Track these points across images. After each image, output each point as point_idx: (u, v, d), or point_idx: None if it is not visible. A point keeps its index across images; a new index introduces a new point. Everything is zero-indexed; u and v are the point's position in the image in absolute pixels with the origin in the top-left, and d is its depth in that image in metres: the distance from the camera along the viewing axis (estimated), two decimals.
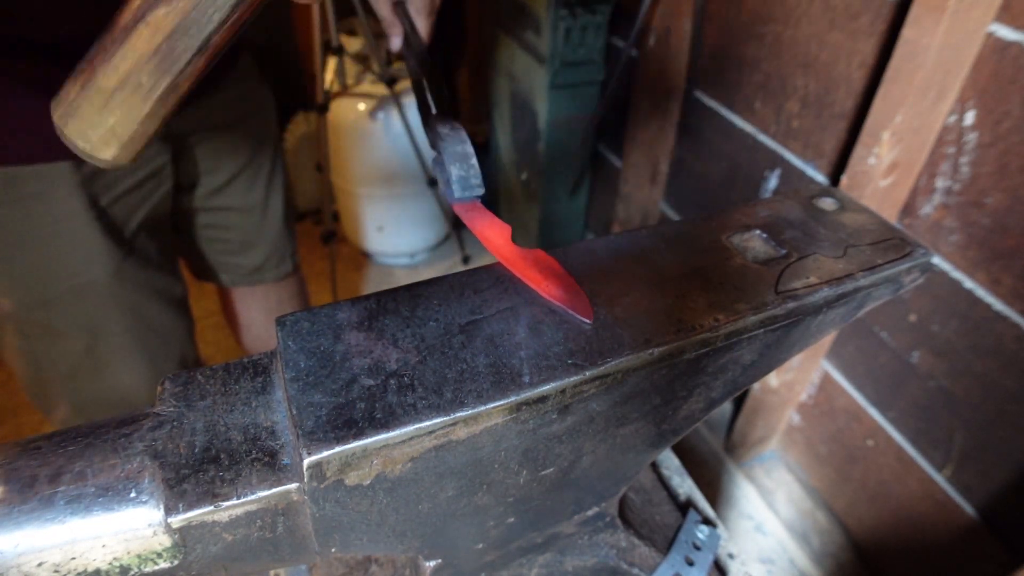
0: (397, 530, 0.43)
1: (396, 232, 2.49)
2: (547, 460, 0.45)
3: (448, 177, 0.50)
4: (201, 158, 1.05)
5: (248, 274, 1.23)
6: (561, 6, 1.83)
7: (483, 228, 0.49)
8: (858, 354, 1.39)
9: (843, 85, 1.24)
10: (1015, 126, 0.99)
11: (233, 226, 1.16)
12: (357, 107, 2.18)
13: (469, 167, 0.50)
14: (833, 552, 1.53)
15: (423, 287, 0.46)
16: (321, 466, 0.35)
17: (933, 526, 1.30)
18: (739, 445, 1.71)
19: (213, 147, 1.06)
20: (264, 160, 1.15)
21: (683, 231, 0.53)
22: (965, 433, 1.19)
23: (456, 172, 0.50)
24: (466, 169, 0.50)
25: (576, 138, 2.10)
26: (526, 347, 0.41)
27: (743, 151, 1.55)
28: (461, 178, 0.50)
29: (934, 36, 0.97)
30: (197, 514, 0.35)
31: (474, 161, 0.51)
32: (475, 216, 0.50)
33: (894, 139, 1.09)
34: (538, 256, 0.47)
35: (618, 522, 0.61)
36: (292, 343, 0.41)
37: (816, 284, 0.48)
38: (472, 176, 0.50)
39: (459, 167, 0.50)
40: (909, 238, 0.54)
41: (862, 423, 1.42)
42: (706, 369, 0.47)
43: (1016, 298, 1.05)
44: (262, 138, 1.14)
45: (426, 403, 0.37)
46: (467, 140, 0.51)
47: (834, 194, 0.59)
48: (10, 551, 0.33)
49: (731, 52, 1.51)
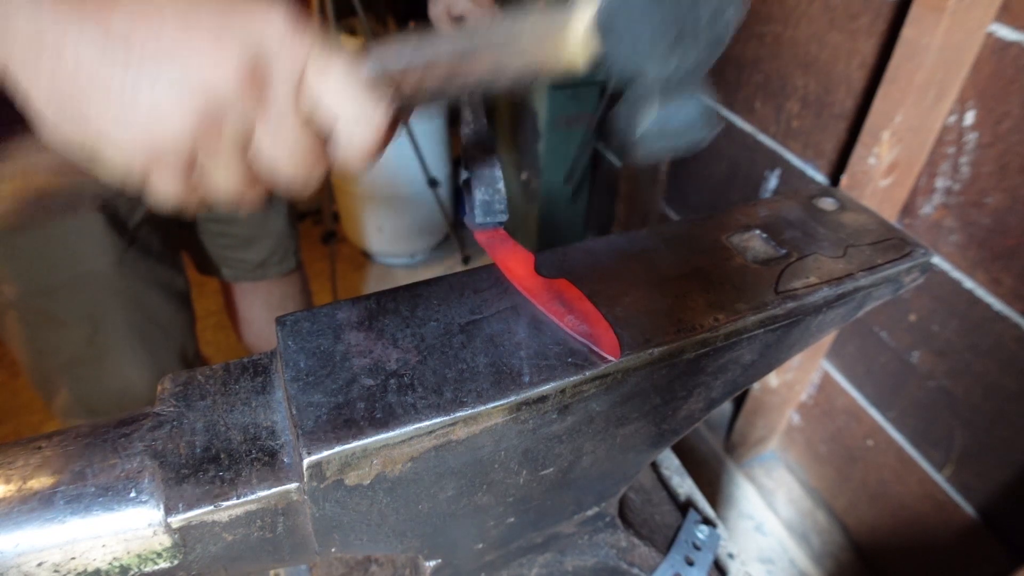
0: (397, 530, 0.43)
1: (396, 232, 2.49)
2: (547, 460, 0.45)
3: (473, 201, 0.49)
4: None
5: (251, 269, 1.23)
6: None
7: (505, 258, 0.48)
8: (858, 354, 1.39)
9: (843, 85, 1.24)
10: (1015, 126, 0.99)
11: (237, 221, 1.17)
12: None
13: (495, 192, 0.49)
14: (833, 552, 1.53)
15: (423, 287, 0.46)
16: (321, 466, 0.35)
17: (933, 526, 1.30)
18: (739, 445, 1.71)
19: None
20: None
21: (683, 231, 0.53)
22: (965, 433, 1.19)
23: (480, 196, 0.49)
24: (491, 194, 0.49)
25: (576, 138, 2.10)
26: (526, 347, 0.41)
27: (743, 151, 1.55)
28: (485, 203, 0.49)
29: (934, 36, 0.97)
30: (197, 514, 0.35)
31: (501, 186, 0.49)
32: (497, 244, 0.49)
33: (894, 139, 1.09)
34: (562, 287, 0.46)
35: (618, 522, 0.61)
36: (292, 343, 0.41)
37: (816, 284, 0.48)
38: (497, 202, 0.49)
39: (485, 191, 0.49)
40: (909, 238, 0.54)
41: (862, 423, 1.42)
42: (706, 369, 0.47)
43: (1016, 298, 1.05)
44: None
45: (426, 403, 0.37)
46: (498, 165, 0.50)
47: (834, 194, 0.59)
48: (10, 551, 0.33)
49: (731, 52, 1.51)
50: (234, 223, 1.16)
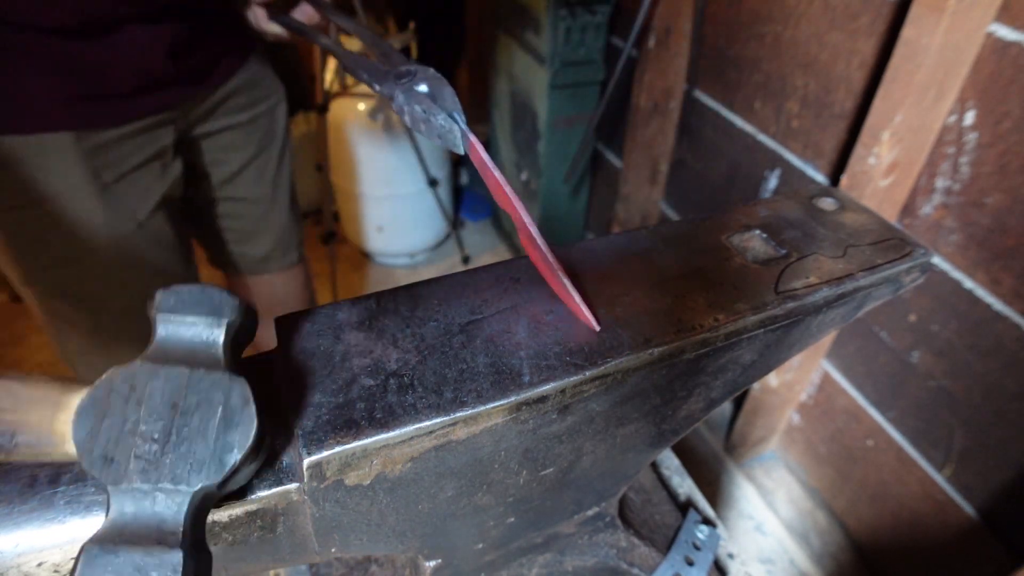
0: (397, 530, 0.43)
1: (396, 232, 2.49)
2: (547, 460, 0.45)
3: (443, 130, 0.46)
4: (208, 149, 1.06)
5: (254, 263, 1.24)
6: (561, 6, 1.83)
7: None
8: (858, 354, 1.39)
9: (843, 85, 1.24)
10: (1015, 126, 0.99)
11: (241, 216, 1.18)
12: (357, 107, 2.18)
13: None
14: (833, 552, 1.53)
15: (423, 287, 0.46)
16: (321, 466, 0.35)
17: (933, 526, 1.30)
18: (739, 445, 1.71)
19: (221, 138, 1.07)
20: (273, 152, 1.16)
21: (683, 231, 0.53)
22: (965, 433, 1.19)
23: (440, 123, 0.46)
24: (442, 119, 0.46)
25: (576, 138, 2.10)
26: (526, 347, 0.41)
27: (743, 151, 1.55)
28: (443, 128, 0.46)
29: (934, 36, 0.97)
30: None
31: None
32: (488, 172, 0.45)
33: (894, 139, 1.09)
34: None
35: (618, 522, 0.61)
36: (292, 343, 0.41)
37: (816, 284, 0.48)
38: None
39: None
40: (909, 238, 0.54)
41: (862, 423, 1.42)
42: (706, 369, 0.47)
43: (1016, 298, 1.05)
44: (271, 131, 1.15)
45: (426, 403, 0.37)
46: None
47: (834, 194, 0.59)
48: (10, 551, 0.33)
49: (731, 52, 1.51)
50: (237, 217, 1.17)
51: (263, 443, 0.36)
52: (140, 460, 0.30)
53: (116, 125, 0.87)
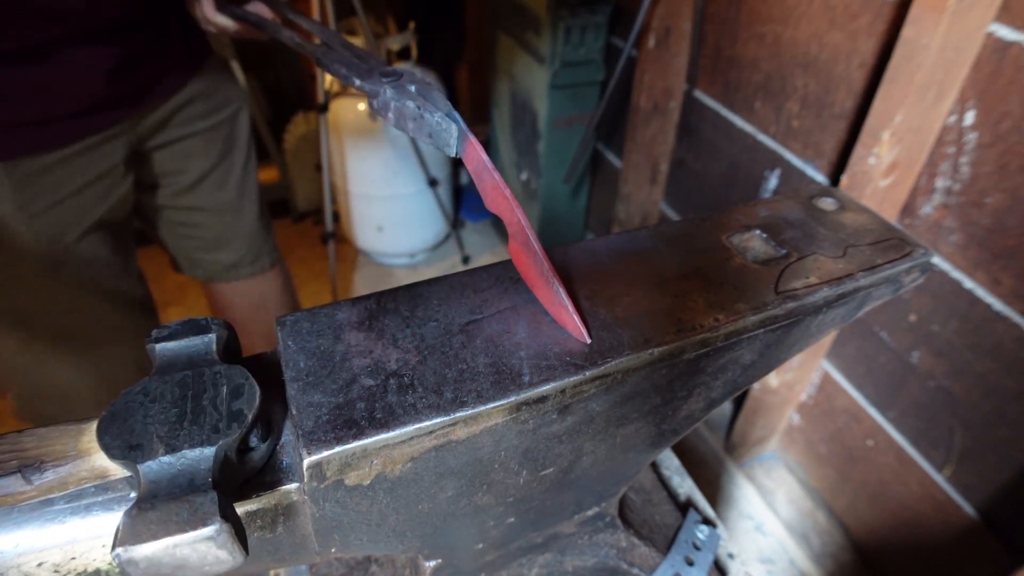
0: (397, 530, 0.43)
1: (396, 232, 2.49)
2: (547, 460, 0.45)
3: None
4: (165, 159, 1.04)
5: (223, 270, 1.22)
6: (561, 6, 1.83)
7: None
8: (858, 354, 1.39)
9: (843, 85, 1.24)
10: (1015, 126, 0.99)
11: (204, 224, 1.15)
12: (357, 107, 2.18)
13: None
14: (833, 552, 1.53)
15: (423, 287, 0.46)
16: (321, 466, 0.35)
17: (933, 526, 1.30)
18: (739, 445, 1.71)
19: (178, 148, 1.04)
20: (236, 160, 1.14)
21: (683, 231, 0.53)
22: (965, 433, 1.19)
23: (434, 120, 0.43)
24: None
25: (576, 138, 2.10)
26: (526, 347, 0.41)
27: (743, 151, 1.55)
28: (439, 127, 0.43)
29: (934, 36, 0.97)
30: None
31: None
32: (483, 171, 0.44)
33: (894, 139, 1.09)
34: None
35: (618, 522, 0.61)
36: (292, 343, 0.41)
37: (816, 284, 0.48)
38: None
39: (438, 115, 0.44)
40: (909, 238, 0.54)
41: (862, 423, 1.42)
42: (706, 369, 0.47)
43: (1016, 298, 1.05)
44: (232, 138, 1.12)
45: (426, 403, 0.37)
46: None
47: (834, 194, 0.59)
48: (10, 551, 0.33)
49: (731, 52, 1.51)
50: (200, 226, 1.15)
51: (272, 424, 0.38)
52: (162, 439, 0.33)
53: (58, 147, 0.84)
